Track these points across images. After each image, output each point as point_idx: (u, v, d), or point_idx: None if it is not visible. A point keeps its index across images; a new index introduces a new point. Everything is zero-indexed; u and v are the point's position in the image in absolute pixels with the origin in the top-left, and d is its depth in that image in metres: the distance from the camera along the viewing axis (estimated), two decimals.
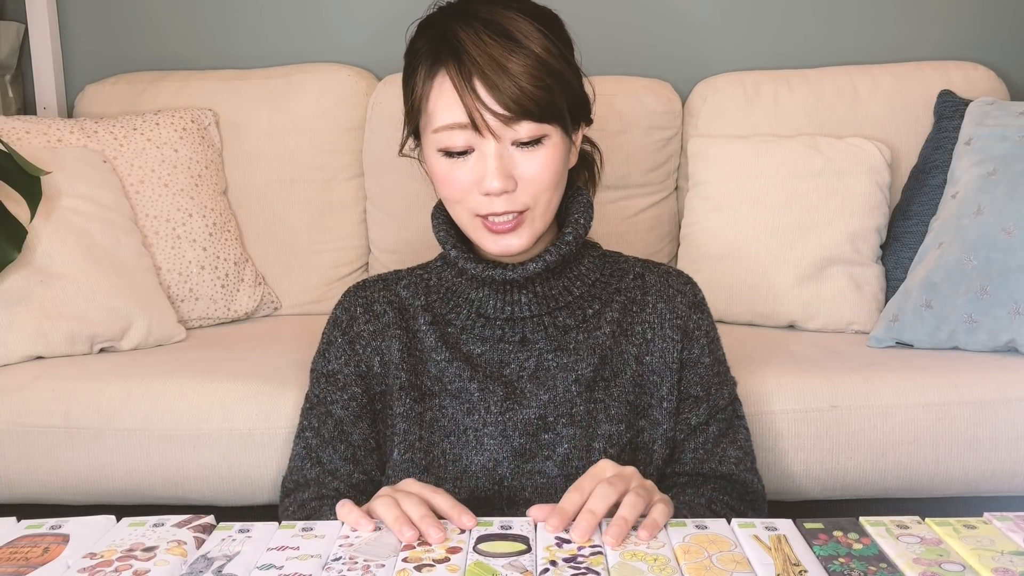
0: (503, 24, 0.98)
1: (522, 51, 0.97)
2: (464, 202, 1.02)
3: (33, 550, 0.73)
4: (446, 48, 0.98)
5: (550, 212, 1.04)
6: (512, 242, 1.02)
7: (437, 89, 0.99)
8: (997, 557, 0.70)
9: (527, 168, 0.99)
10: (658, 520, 0.78)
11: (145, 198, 1.79)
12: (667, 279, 1.12)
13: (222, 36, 2.17)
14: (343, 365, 1.10)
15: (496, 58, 0.96)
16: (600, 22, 2.10)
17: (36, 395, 1.45)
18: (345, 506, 0.80)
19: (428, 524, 0.76)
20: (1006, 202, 1.56)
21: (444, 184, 1.02)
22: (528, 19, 1.00)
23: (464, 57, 0.97)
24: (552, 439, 1.04)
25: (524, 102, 0.96)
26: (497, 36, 0.97)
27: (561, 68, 1.00)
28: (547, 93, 0.97)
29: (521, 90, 0.96)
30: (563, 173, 1.04)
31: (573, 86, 1.03)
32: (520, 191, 1.00)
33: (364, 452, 1.09)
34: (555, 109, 0.99)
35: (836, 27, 2.11)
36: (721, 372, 1.13)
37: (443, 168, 1.01)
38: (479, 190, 1.00)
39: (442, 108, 0.99)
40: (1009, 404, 1.42)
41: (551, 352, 1.07)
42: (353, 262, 2.01)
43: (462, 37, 0.97)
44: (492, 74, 0.96)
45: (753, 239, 1.80)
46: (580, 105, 1.05)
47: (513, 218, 1.01)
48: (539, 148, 0.99)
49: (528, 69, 0.96)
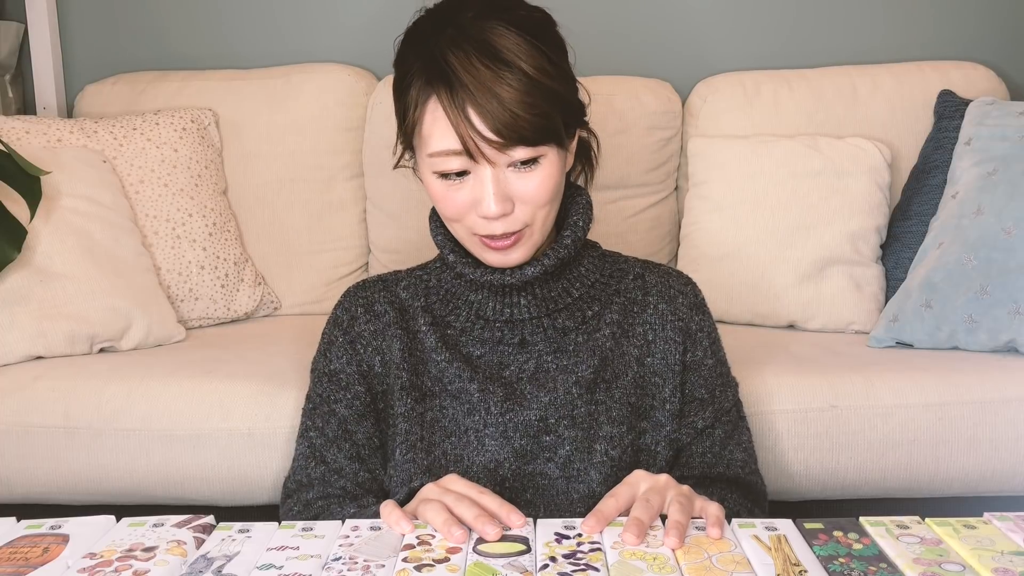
0: (492, 44, 0.96)
1: (513, 74, 0.95)
2: (463, 221, 1.02)
3: (33, 550, 0.73)
4: (437, 73, 0.96)
5: (548, 224, 1.04)
6: (513, 257, 1.02)
7: (431, 115, 0.97)
8: (997, 557, 0.70)
9: (524, 188, 0.99)
10: (719, 515, 0.79)
11: (145, 198, 1.79)
12: (668, 280, 1.12)
13: (222, 36, 2.17)
14: (345, 364, 1.10)
15: (488, 85, 0.94)
16: (600, 22, 2.10)
17: (36, 395, 1.45)
18: (388, 506, 0.81)
19: (484, 522, 0.77)
20: (1006, 202, 1.56)
21: (442, 204, 1.02)
22: (517, 31, 0.97)
23: (456, 84, 0.95)
24: (553, 441, 1.04)
25: (518, 128, 0.95)
26: (488, 59, 0.95)
27: (554, 86, 0.98)
28: (541, 117, 0.96)
29: (515, 118, 0.94)
30: (560, 185, 1.03)
31: (567, 100, 1.01)
32: (518, 211, 1.00)
33: (368, 451, 1.08)
34: (549, 131, 0.97)
35: (836, 27, 2.11)
36: (724, 373, 1.13)
37: (440, 189, 1.01)
38: (476, 212, 0.99)
39: (437, 135, 0.97)
40: (1009, 404, 1.41)
41: (550, 354, 1.07)
42: (353, 262, 2.01)
43: (453, 63, 0.95)
44: (484, 102, 0.94)
45: (753, 239, 1.80)
46: (574, 114, 1.04)
47: (512, 236, 1.01)
48: (535, 169, 0.98)
49: (520, 95, 0.95)
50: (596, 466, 1.02)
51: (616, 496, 0.83)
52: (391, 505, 0.81)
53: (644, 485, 0.86)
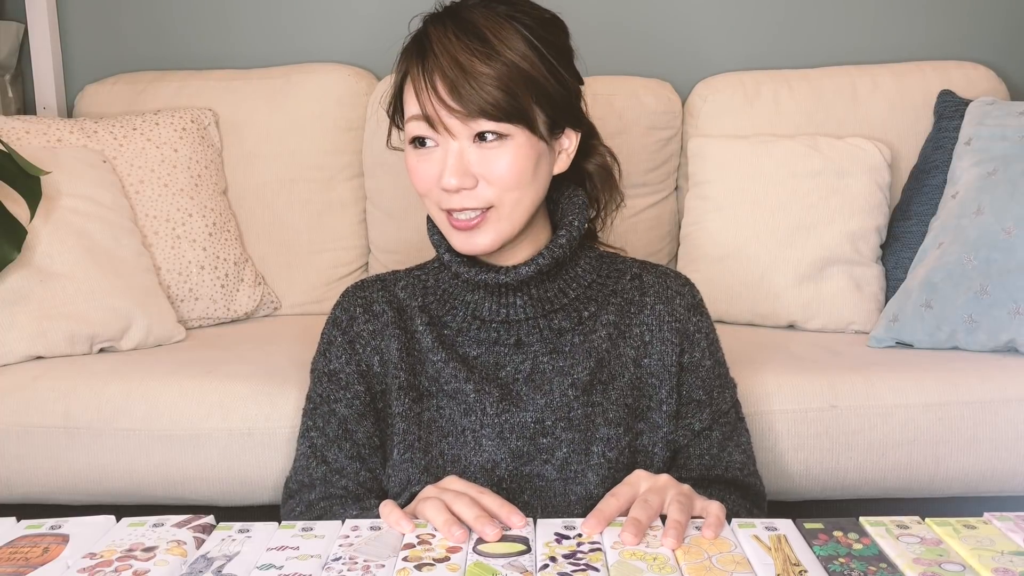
0: (477, 25, 0.99)
1: (492, 55, 0.97)
2: (430, 196, 1.03)
3: (33, 550, 0.73)
4: (416, 44, 1.01)
5: (519, 213, 1.02)
6: (477, 240, 1.02)
7: (408, 83, 1.01)
8: (997, 557, 0.70)
9: (488, 167, 0.99)
10: (719, 515, 0.79)
11: (145, 198, 1.79)
12: (665, 280, 1.12)
13: (222, 36, 2.17)
14: (344, 364, 1.10)
15: (456, 56, 0.97)
16: (600, 22, 2.10)
17: (36, 395, 1.45)
18: (387, 506, 0.81)
19: (484, 523, 0.77)
20: (1006, 202, 1.56)
21: (412, 176, 1.04)
22: (517, 25, 0.99)
23: (429, 55, 0.99)
24: (550, 443, 1.04)
25: (483, 104, 0.97)
26: (467, 37, 0.98)
27: (537, 75, 0.99)
28: (509, 97, 0.97)
29: (481, 93, 0.96)
30: (533, 175, 1.02)
31: (549, 93, 1.01)
32: (481, 188, 1.00)
33: (368, 450, 1.08)
34: (518, 112, 0.98)
35: (836, 27, 2.11)
36: (722, 374, 1.12)
37: (412, 160, 1.03)
38: (439, 185, 1.01)
39: (410, 102, 1.01)
40: (1009, 404, 1.41)
41: (546, 355, 1.07)
42: (353, 262, 2.01)
43: (431, 34, 1.00)
44: (450, 71, 0.97)
45: (753, 239, 1.80)
46: (565, 112, 1.04)
47: (477, 216, 1.01)
48: (500, 147, 0.99)
49: (489, 71, 0.97)
50: (593, 468, 1.02)
51: (617, 496, 0.83)
52: (391, 505, 0.81)
53: (644, 485, 0.86)
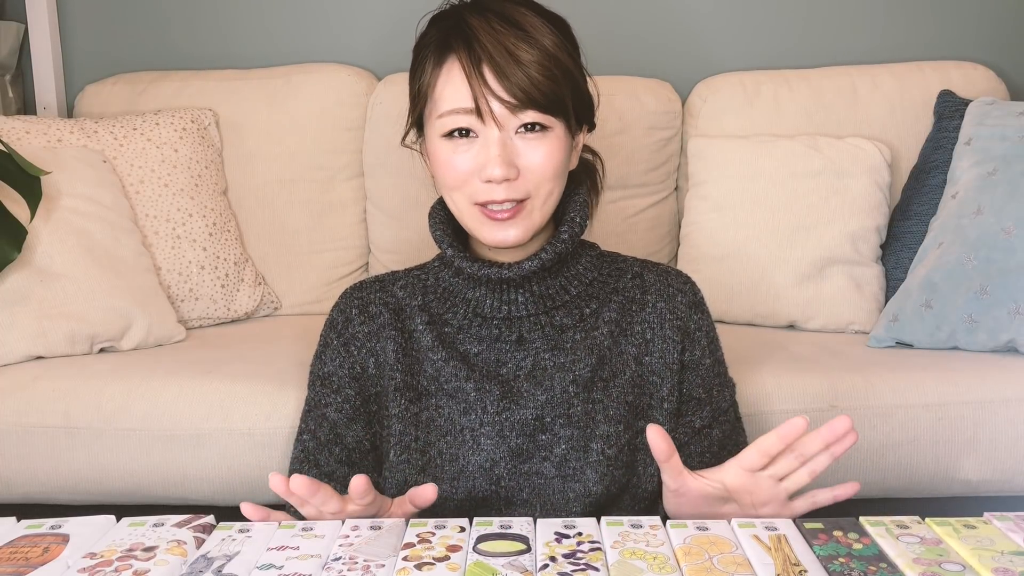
0: (515, 16, 1.01)
1: (533, 42, 0.99)
2: (463, 189, 1.02)
3: (33, 550, 0.73)
4: (457, 35, 1.00)
5: (548, 206, 1.04)
6: (510, 232, 1.02)
7: (445, 75, 1.01)
8: (997, 557, 0.69)
9: (530, 157, 1.00)
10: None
11: (145, 198, 1.79)
12: (666, 278, 1.12)
13: (222, 36, 2.17)
14: (337, 367, 1.10)
15: (507, 46, 0.98)
16: (600, 22, 2.10)
17: (36, 395, 1.45)
18: (247, 506, 0.85)
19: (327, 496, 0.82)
20: (1006, 202, 1.56)
21: (445, 170, 1.03)
22: (539, 16, 1.02)
23: (475, 44, 0.99)
24: (549, 440, 1.04)
25: (531, 91, 0.98)
26: (509, 26, 0.99)
27: (569, 64, 1.02)
28: (555, 84, 0.99)
29: (530, 79, 0.98)
30: (564, 169, 1.04)
31: (579, 84, 1.05)
32: (521, 180, 1.01)
33: (359, 454, 1.09)
34: (560, 102, 1.00)
35: (836, 27, 2.11)
36: (721, 373, 1.12)
37: (445, 154, 1.02)
38: (480, 177, 1.00)
39: (449, 93, 1.00)
40: (1009, 404, 1.41)
41: (548, 351, 1.07)
42: (353, 262, 2.01)
43: (474, 25, 1.00)
44: (502, 61, 0.98)
45: (753, 239, 1.80)
46: (584, 106, 1.07)
47: (512, 207, 1.01)
48: (542, 138, 1.00)
49: (538, 59, 0.99)
50: (592, 465, 1.02)
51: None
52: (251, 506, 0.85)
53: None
